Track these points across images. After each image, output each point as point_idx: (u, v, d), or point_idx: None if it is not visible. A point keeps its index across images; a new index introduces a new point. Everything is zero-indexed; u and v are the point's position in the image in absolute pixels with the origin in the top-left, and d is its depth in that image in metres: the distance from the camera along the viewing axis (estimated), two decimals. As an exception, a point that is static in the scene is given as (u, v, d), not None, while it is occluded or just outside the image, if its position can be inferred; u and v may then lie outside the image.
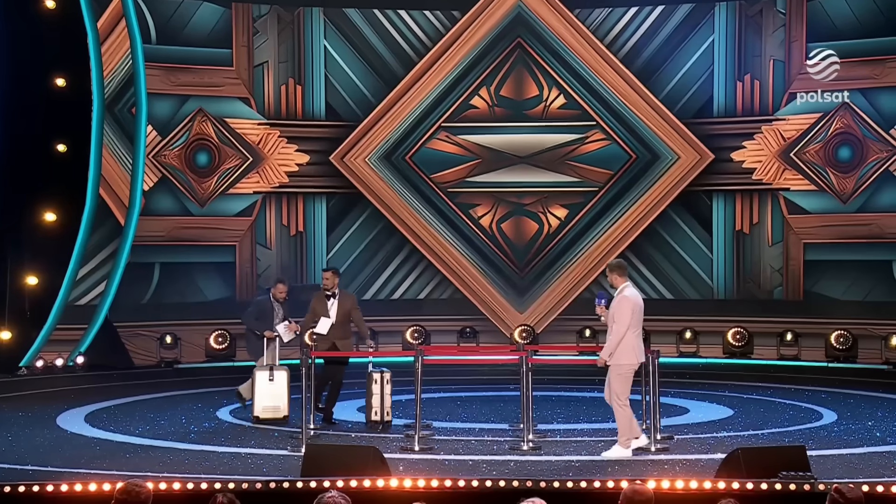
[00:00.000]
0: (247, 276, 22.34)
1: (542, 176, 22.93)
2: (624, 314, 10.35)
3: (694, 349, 21.98)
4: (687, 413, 13.78)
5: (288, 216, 22.76)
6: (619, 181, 22.85)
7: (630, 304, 10.39)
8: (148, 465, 9.93)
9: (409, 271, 23.15)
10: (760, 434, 11.96)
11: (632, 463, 10.12)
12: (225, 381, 17.74)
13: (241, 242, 22.36)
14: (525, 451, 10.77)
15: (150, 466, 9.87)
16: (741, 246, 22.38)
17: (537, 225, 23.17)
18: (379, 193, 22.90)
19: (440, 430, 12.32)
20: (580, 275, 22.78)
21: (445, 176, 23.09)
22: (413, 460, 10.29)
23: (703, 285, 22.59)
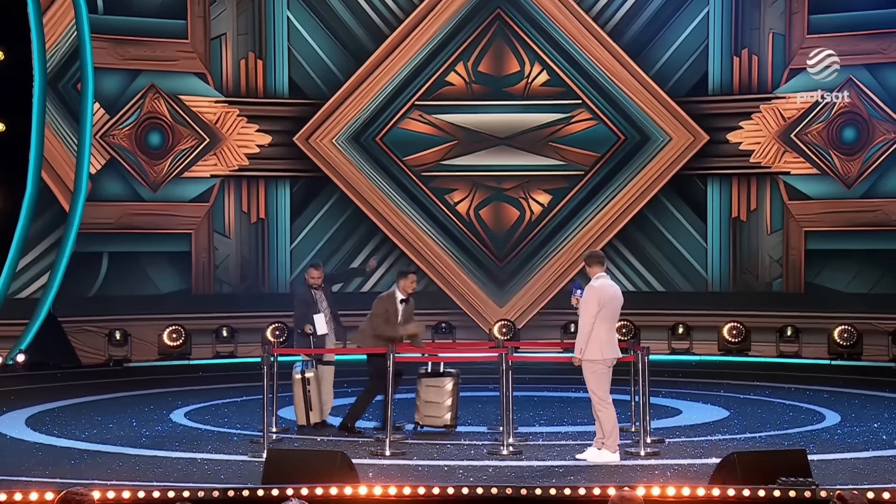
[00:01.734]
0: (203, 267, 22.26)
1: (523, 159, 22.93)
2: (589, 305, 10.38)
3: (687, 346, 22.06)
4: (679, 414, 13.82)
5: (248, 202, 22.68)
6: (606, 164, 22.88)
7: (596, 295, 10.41)
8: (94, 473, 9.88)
9: (379, 262, 23.11)
10: (758, 437, 12.02)
11: (619, 468, 10.15)
12: (179, 381, 17.67)
13: (196, 230, 22.27)
14: (505, 455, 10.78)
15: (96, 473, 9.83)
16: (738, 234, 22.47)
17: (518, 212, 23.18)
18: (347, 177, 22.85)
19: (413, 433, 12.31)
20: (564, 265, 22.82)
21: (419, 158, 23.07)
22: (383, 466, 10.28)
23: (697, 277, 22.67)
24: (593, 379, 10.42)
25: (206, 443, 11.67)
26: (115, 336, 20.96)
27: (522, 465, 10.41)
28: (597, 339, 10.36)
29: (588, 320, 10.34)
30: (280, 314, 21.88)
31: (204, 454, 10.95)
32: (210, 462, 10.51)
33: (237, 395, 15.68)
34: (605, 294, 10.47)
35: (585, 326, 10.36)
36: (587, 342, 10.33)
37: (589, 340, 10.33)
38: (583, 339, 10.34)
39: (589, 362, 10.38)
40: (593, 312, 10.36)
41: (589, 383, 10.47)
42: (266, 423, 11.06)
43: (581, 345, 10.34)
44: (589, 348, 10.34)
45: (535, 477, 9.77)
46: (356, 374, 13.77)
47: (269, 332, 21.63)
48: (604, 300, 10.43)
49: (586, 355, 10.35)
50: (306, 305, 13.04)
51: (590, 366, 10.40)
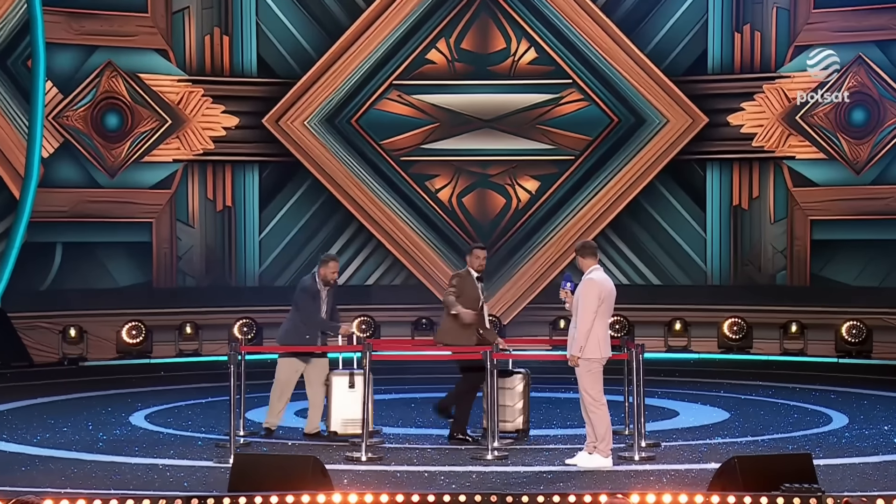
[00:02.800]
0: (165, 258, 22.20)
1: (509, 142, 22.93)
2: (590, 300, 10.36)
3: (684, 343, 22.11)
4: (676, 416, 13.85)
5: (214, 189, 22.63)
6: (598, 148, 22.90)
7: (597, 289, 10.40)
8: (47, 479, 9.86)
9: (355, 253, 23.10)
10: (760, 440, 12.06)
11: (612, 474, 10.17)
12: (139, 382, 17.62)
13: (158, 219, 22.21)
14: (489, 460, 10.79)
15: (49, 481, 9.80)
16: (739, 223, 22.52)
17: (504, 199, 23.19)
18: (320, 162, 22.81)
19: (391, 436, 12.31)
20: (553, 257, 22.84)
21: (398, 142, 23.04)
22: (360, 472, 10.28)
23: (695, 269, 22.72)
24: (588, 378, 10.43)
25: (168, 447, 11.65)
26: (69, 333, 20.89)
27: (508, 470, 10.42)
28: (594, 336, 10.37)
29: (589, 316, 10.33)
30: (248, 309, 21.85)
31: (166, 460, 10.93)
32: (172, 468, 10.49)
33: (202, 397, 15.65)
34: (604, 288, 10.48)
35: (586, 323, 10.33)
36: (587, 338, 10.33)
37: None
38: (583, 337, 10.32)
39: (585, 361, 10.39)
40: (594, 308, 10.35)
41: (583, 383, 10.47)
42: (233, 426, 11.04)
43: (582, 342, 10.32)
44: (589, 346, 10.34)
45: (522, 483, 9.78)
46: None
47: (236, 329, 21.59)
48: (603, 295, 10.43)
49: (586, 354, 10.35)
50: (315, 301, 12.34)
51: (586, 364, 10.41)
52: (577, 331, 10.37)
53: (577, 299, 10.49)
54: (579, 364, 10.40)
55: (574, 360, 10.40)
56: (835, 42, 21.59)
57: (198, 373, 18.93)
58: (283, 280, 22.87)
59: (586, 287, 10.45)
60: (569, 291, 10.72)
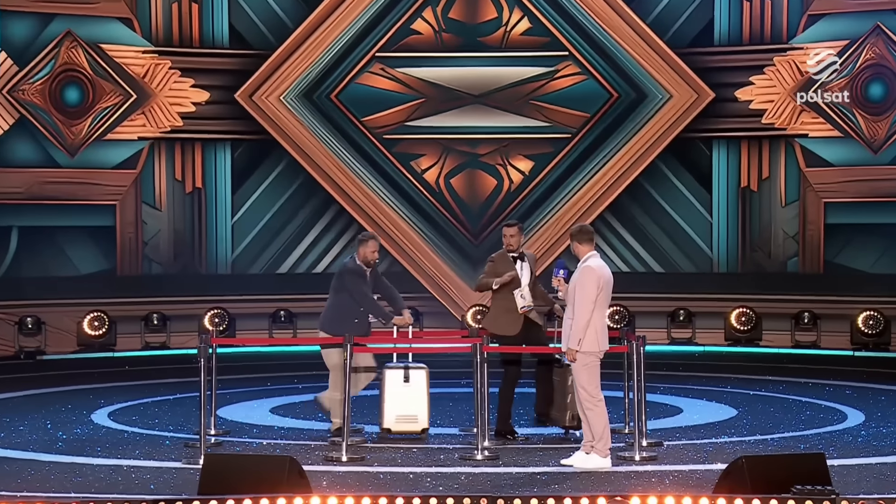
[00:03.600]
0: (130, 244, 22.16)
1: (501, 119, 22.92)
2: (588, 289, 10.36)
3: (689, 335, 22.14)
4: (679, 413, 13.88)
5: (182, 169, 22.59)
6: (596, 126, 22.90)
7: (595, 277, 10.40)
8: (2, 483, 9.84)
9: (334, 238, 23.08)
10: (770, 439, 12.09)
11: (611, 475, 10.19)
12: (102, 377, 17.59)
13: (122, 202, 22.16)
14: (479, 460, 10.80)
15: (4, 484, 9.78)
16: (747, 206, 22.55)
17: (495, 180, 23.18)
18: (297, 140, 22.77)
19: (374, 435, 12.32)
20: (549, 242, 22.85)
21: (381, 119, 23.01)
22: (340, 473, 10.28)
23: (701, 256, 22.75)
24: (585, 373, 10.43)
25: (134, 447, 11.64)
26: (26, 324, 20.85)
27: (500, 471, 10.43)
28: (591, 328, 10.37)
29: (588, 307, 10.32)
30: (220, 299, 21.84)
31: (130, 460, 10.92)
32: (138, 469, 10.48)
33: (170, 393, 15.64)
34: (603, 276, 10.47)
35: (585, 314, 10.33)
36: (585, 330, 10.33)
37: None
38: (582, 329, 10.31)
39: (582, 354, 10.39)
40: (593, 297, 10.35)
41: (579, 378, 10.48)
42: (203, 424, 11.03)
43: (580, 335, 10.32)
44: (587, 339, 10.34)
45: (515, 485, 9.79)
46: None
47: (206, 320, 21.56)
48: (602, 283, 10.43)
49: (584, 347, 10.34)
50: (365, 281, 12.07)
51: (583, 358, 10.41)
52: (575, 322, 10.36)
53: (574, 288, 10.48)
54: (577, 358, 10.40)
55: (572, 353, 10.39)
56: (851, 11, 21.59)
57: (165, 367, 18.90)
58: (258, 267, 22.85)
59: (584, 275, 10.44)
60: (562, 279, 10.72)
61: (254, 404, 14.60)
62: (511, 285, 11.88)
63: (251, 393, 15.62)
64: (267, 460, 8.90)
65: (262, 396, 15.29)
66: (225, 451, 11.36)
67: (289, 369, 18.44)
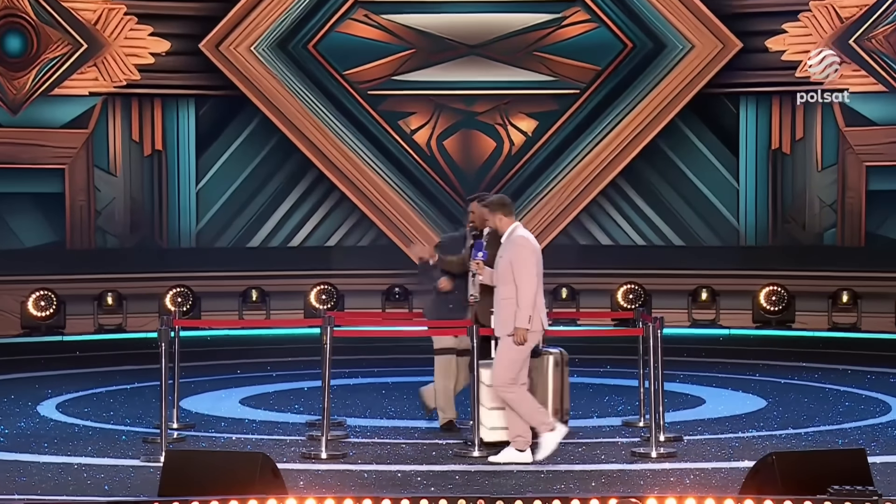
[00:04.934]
0: (81, 213, 22.12)
1: (501, 73, 22.88)
2: (529, 262, 10.52)
3: (712, 316, 22.17)
4: (702, 405, 13.91)
5: (140, 129, 22.55)
6: (608, 80, 22.86)
7: (532, 248, 10.60)
8: (-61, 482, 9.85)
9: (313, 207, 23.07)
10: (803, 433, 12.11)
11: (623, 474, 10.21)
12: (50, 364, 17.58)
13: (71, 165, 22.12)
14: (476, 457, 10.82)
15: (-59, 484, 9.79)
16: (779, 171, 22.55)
17: (494, 142, 23.16)
18: (270, 97, 22.73)
19: (357, 429, 12.33)
20: (553, 213, 22.85)
21: (365, 72, 22.97)
22: (318, 472, 10.29)
23: (726, 227, 22.76)
24: (515, 352, 10.53)
25: (85, 443, 11.64)
26: (-35, 304, 20.85)
27: (498, 469, 10.44)
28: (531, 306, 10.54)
29: (533, 280, 10.48)
30: (183, 276, 21.83)
31: (82, 458, 10.92)
32: (90, 468, 10.49)
33: (126, 382, 15.64)
34: (537, 248, 10.69)
35: (531, 288, 10.47)
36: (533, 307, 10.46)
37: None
38: (530, 306, 10.46)
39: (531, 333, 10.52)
40: (534, 270, 10.54)
41: (505, 356, 10.55)
42: (164, 416, 11.04)
43: (529, 311, 10.45)
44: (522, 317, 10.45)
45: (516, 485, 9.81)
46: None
47: (168, 300, 21.55)
48: (538, 254, 10.63)
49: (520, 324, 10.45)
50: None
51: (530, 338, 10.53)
52: (523, 298, 10.47)
53: (506, 265, 10.55)
54: (527, 338, 10.49)
55: (522, 333, 10.45)
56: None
57: (121, 353, 18.90)
58: (226, 240, 22.83)
59: (520, 247, 10.57)
60: (481, 262, 10.79)
61: (222, 394, 14.61)
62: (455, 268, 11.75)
63: (219, 382, 15.62)
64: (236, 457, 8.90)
65: (231, 386, 15.28)
66: (189, 446, 11.36)
67: (261, 355, 18.45)
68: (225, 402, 14.03)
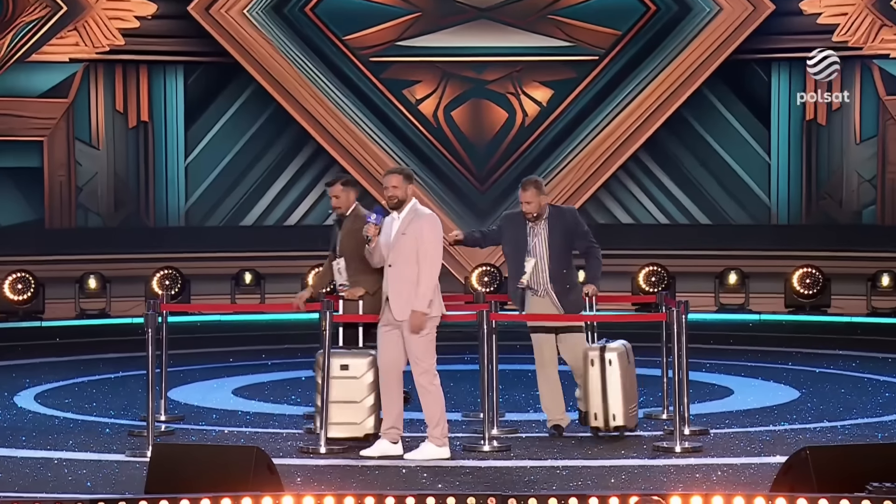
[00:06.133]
0: (60, 189, 22.15)
1: (513, 38, 22.86)
2: (436, 242, 10.58)
3: (741, 300, 22.16)
4: (730, 395, 13.92)
5: (125, 98, 22.56)
6: (630, 46, 22.83)
7: (439, 228, 10.64)
8: None
9: (311, 183, 23.09)
10: (840, 426, 12.11)
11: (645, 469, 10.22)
12: (28, 351, 17.60)
13: (50, 138, 22.13)
14: (487, 452, 10.83)
15: (-89, 480, 9.82)
16: (814, 144, 22.52)
17: (506, 113, 23.14)
18: (265, 63, 22.72)
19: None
20: (570, 189, 22.85)
21: (366, 37, 22.95)
22: (317, 467, 10.30)
23: (757, 204, 22.74)
24: (424, 344, 10.58)
25: (66, 436, 11.66)
26: (-64, 288, 20.90)
27: (511, 465, 10.45)
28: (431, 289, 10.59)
29: (438, 263, 10.53)
30: (171, 257, 21.85)
31: (63, 452, 10.94)
32: (71, 463, 10.50)
33: (110, 371, 15.67)
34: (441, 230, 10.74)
35: (435, 272, 10.51)
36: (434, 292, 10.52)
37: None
38: (431, 289, 10.50)
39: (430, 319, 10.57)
40: (440, 253, 10.59)
41: (417, 350, 10.57)
42: (151, 408, 11.05)
43: (430, 296, 10.50)
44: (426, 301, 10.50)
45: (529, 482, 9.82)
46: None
47: (155, 283, 21.57)
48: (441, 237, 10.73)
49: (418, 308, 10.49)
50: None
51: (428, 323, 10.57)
52: (426, 280, 10.49)
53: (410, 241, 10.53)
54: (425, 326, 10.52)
55: (420, 318, 10.46)
56: None
57: (105, 339, 18.93)
58: (217, 219, 22.85)
59: (429, 225, 10.56)
60: (376, 225, 10.66)
61: (213, 384, 14.62)
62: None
63: (210, 371, 15.65)
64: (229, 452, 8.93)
65: (224, 375, 15.31)
66: (178, 440, 11.38)
67: (255, 342, 18.47)
68: (216, 393, 14.05)
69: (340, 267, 11.70)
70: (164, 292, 20.95)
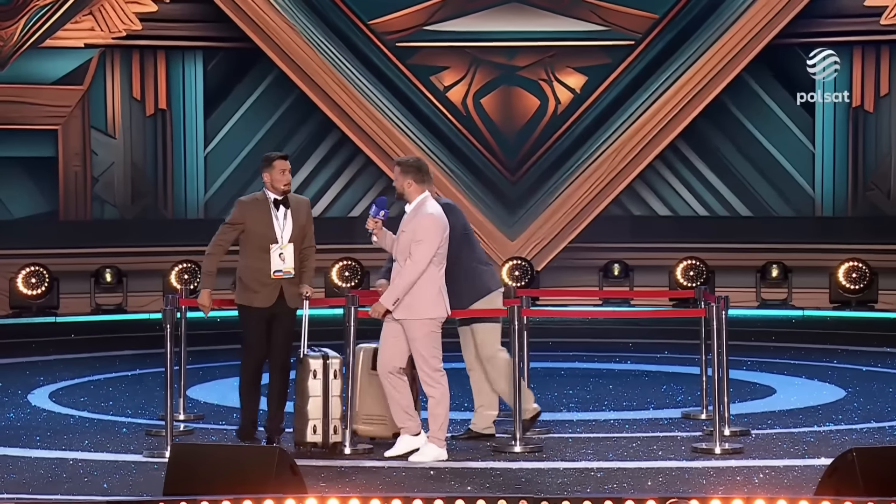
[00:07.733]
0: (75, 179, 22.20)
1: (545, 22, 22.85)
2: (430, 243, 10.55)
3: (784, 295, 22.11)
4: (772, 395, 13.90)
5: (142, 85, 22.60)
6: (667, 30, 22.80)
7: (440, 228, 10.64)
8: (-81, 479, 9.92)
9: (335, 173, 23.10)
10: (887, 427, 12.08)
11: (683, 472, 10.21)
12: (42, 348, 17.65)
13: (65, 127, 22.19)
14: (517, 453, 10.83)
15: (-79, 481, 9.86)
16: (860, 132, 22.46)
17: (538, 101, 23.13)
18: (287, 49, 22.74)
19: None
20: (604, 180, 22.82)
21: (392, 22, 22.95)
22: (341, 469, 10.32)
23: (800, 195, 22.69)
24: (427, 344, 10.58)
25: (82, 436, 11.70)
26: (-53, 282, 20.98)
27: (543, 467, 10.45)
28: (435, 288, 10.59)
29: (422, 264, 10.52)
30: (189, 250, 21.87)
31: (78, 452, 10.97)
32: (87, 464, 10.54)
33: (127, 368, 15.71)
34: (447, 227, 10.73)
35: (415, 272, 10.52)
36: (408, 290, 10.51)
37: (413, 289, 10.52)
38: (403, 289, 10.53)
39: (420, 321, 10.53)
40: (432, 251, 10.57)
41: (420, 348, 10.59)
42: (170, 407, 11.08)
43: (399, 294, 10.52)
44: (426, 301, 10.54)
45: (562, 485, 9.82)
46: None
47: (173, 277, 21.61)
48: (445, 236, 10.71)
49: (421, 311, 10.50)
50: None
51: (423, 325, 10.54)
52: (402, 278, 10.55)
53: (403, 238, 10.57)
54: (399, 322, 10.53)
55: (380, 309, 10.49)
56: None
57: (121, 336, 18.97)
58: (237, 210, 22.84)
59: (425, 225, 10.59)
60: (380, 220, 10.75)
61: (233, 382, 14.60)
62: (259, 241, 11.63)
63: (229, 368, 15.64)
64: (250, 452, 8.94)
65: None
66: (197, 440, 11.40)
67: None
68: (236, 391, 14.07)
69: (284, 252, 11.64)
70: (182, 287, 21.08)
